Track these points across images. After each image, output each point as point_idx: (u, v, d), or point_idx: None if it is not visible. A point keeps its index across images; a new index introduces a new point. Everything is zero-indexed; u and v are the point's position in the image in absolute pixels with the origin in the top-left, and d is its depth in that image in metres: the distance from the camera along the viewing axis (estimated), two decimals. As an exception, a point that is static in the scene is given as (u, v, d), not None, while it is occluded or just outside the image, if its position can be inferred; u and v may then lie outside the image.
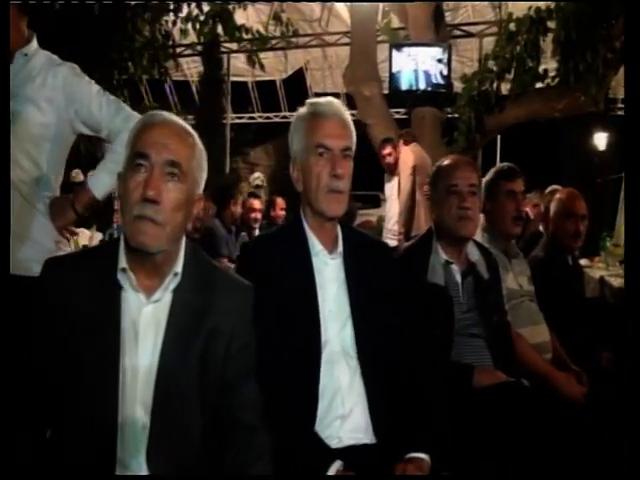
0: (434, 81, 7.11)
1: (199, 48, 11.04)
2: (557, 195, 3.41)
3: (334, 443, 1.73)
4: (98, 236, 6.22)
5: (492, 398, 2.08)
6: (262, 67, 8.86)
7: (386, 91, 7.90)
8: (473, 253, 2.39)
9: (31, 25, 2.27)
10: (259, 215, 6.11)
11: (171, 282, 1.55)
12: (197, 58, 12.64)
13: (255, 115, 15.24)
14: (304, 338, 1.77)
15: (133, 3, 7.35)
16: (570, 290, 3.25)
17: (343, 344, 1.82)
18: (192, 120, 12.21)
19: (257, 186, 10.75)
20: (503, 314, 2.44)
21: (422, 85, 7.17)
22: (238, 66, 15.14)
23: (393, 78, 7.25)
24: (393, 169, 6.25)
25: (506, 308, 2.66)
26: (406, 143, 6.21)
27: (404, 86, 7.23)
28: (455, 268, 2.34)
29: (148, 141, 1.50)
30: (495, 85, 6.68)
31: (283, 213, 6.29)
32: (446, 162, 2.40)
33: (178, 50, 11.32)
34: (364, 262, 1.92)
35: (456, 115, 7.16)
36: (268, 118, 14.96)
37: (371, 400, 1.81)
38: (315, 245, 1.88)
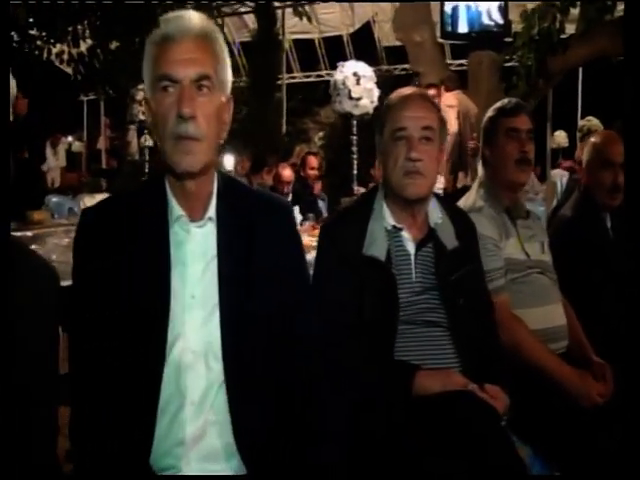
0: (489, 21, 6.29)
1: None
2: (591, 139, 2.73)
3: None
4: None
5: (436, 411, 1.54)
6: (309, 19, 8.25)
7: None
8: (434, 215, 1.81)
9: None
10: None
11: None
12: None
13: (323, 73, 14.63)
14: (143, 333, 1.31)
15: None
16: (605, 259, 2.59)
17: (207, 341, 1.35)
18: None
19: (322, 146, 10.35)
20: (480, 294, 1.86)
21: (477, 26, 6.37)
22: (304, 22, 14.61)
23: (444, 20, 6.49)
24: None
25: (498, 284, 2.09)
26: (448, 89, 5.55)
27: (457, 28, 6.46)
28: (406, 236, 1.79)
29: None
30: (558, 21, 5.79)
31: (314, 172, 5.79)
32: (394, 97, 1.83)
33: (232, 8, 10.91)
34: (248, 230, 1.43)
35: (515, 61, 6.34)
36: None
37: (238, 417, 1.33)
38: (174, 209, 1.40)
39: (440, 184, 5.64)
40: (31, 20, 7.19)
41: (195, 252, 1.39)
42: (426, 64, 6.76)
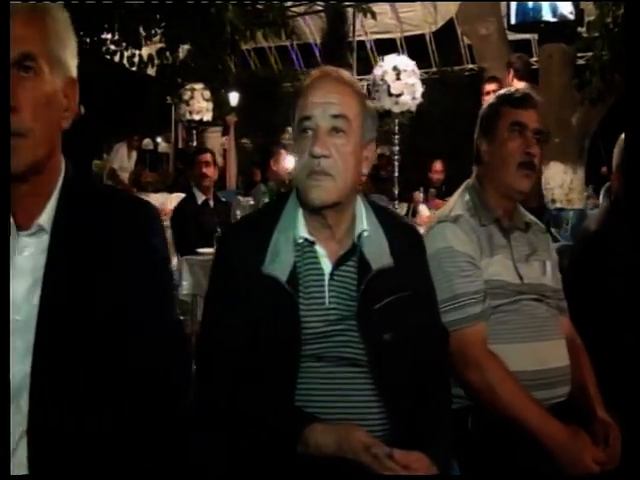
0: (551, 17, 5.66)
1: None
2: (622, 137, 2.24)
3: None
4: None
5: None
6: (373, 16, 7.77)
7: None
8: (359, 226, 1.44)
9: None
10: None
11: None
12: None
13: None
14: None
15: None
16: (635, 284, 2.10)
17: (25, 374, 1.09)
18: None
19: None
20: (420, 328, 1.46)
21: (547, 16, 5.77)
22: (386, 22, 14.21)
23: (511, 10, 5.94)
24: None
25: (472, 312, 1.69)
26: (518, 76, 4.62)
27: (525, 18, 5.88)
28: (321, 251, 1.42)
29: None
30: (637, 6, 5.12)
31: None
32: (305, 80, 1.47)
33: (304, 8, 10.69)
34: (92, 241, 1.16)
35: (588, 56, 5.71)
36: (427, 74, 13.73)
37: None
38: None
39: None
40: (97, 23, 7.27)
41: (22, 267, 1.13)
42: (492, 59, 6.25)
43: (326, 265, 1.41)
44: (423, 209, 5.19)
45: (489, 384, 1.64)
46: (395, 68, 4.35)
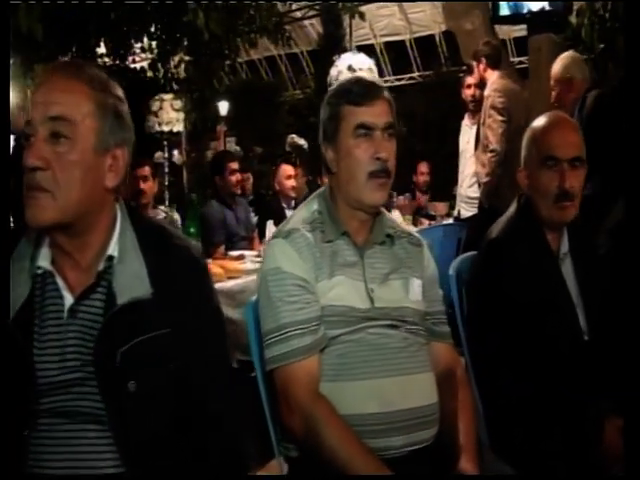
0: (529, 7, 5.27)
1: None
2: (532, 124, 1.92)
3: None
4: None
5: None
6: (362, 17, 7.44)
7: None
8: (108, 251, 1.18)
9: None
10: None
11: None
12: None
13: (415, 75, 13.78)
14: None
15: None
16: (546, 305, 1.77)
17: None
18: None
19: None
20: (197, 371, 1.18)
21: (533, 5, 5.39)
22: (394, 24, 13.88)
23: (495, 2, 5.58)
24: (477, 107, 4.53)
25: (299, 345, 1.41)
26: (491, 65, 4.23)
27: (509, 10, 5.51)
28: (62, 283, 1.16)
29: None
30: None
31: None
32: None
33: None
34: None
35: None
36: (428, 77, 13.33)
37: None
38: None
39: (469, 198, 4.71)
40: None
41: None
42: (478, 55, 5.88)
43: (68, 300, 1.15)
44: (396, 214, 4.88)
45: (313, 430, 1.35)
46: (350, 67, 4.06)
